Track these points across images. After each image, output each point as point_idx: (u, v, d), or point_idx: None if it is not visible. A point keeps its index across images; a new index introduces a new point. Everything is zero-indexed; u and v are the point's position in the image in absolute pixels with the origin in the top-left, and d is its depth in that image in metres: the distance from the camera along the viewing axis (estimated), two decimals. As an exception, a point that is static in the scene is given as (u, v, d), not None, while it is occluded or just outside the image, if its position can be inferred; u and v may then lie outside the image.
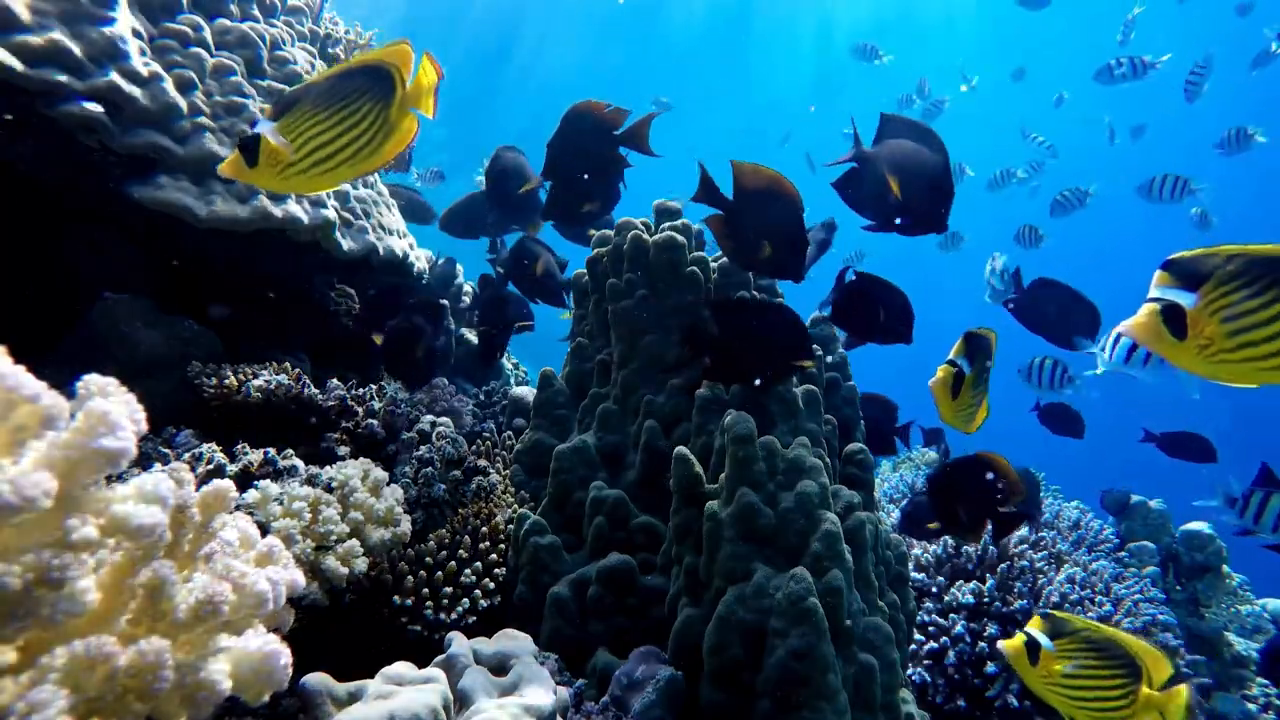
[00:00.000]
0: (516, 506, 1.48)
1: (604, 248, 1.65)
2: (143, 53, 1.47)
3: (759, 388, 1.38)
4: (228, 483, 0.68)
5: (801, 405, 1.42)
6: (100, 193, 1.44)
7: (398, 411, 1.60)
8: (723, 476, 1.20)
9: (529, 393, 2.04)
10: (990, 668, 1.86)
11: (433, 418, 1.72)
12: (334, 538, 1.09)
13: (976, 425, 1.32)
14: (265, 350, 1.70)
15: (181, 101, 1.49)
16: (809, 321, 1.71)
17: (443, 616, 1.21)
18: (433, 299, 2.13)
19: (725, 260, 1.59)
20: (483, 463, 1.53)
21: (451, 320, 2.28)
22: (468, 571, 1.28)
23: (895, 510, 2.53)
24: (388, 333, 1.90)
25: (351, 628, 1.19)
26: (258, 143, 0.92)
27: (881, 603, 1.27)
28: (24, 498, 0.48)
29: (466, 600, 1.25)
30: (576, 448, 1.48)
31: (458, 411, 1.98)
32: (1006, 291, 2.30)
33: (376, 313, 2.03)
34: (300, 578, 0.72)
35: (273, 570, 0.69)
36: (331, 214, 1.72)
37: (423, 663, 0.90)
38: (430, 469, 1.45)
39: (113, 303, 1.47)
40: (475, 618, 1.24)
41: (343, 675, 0.85)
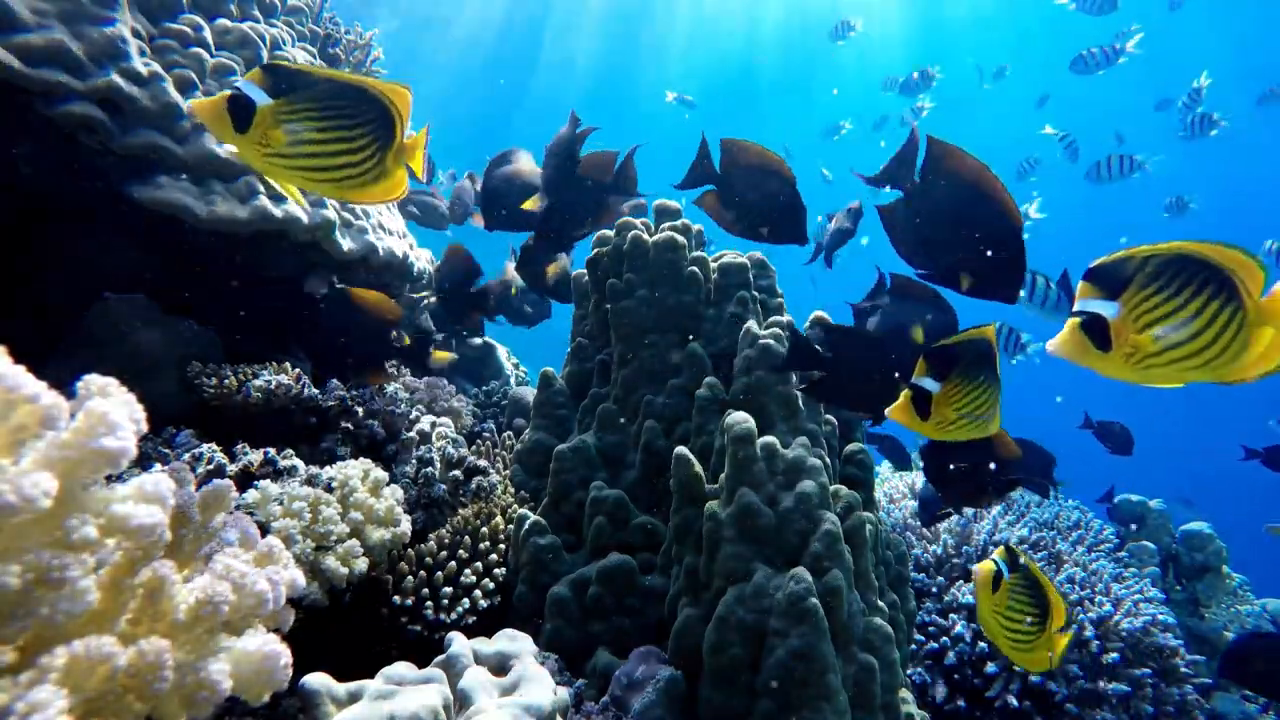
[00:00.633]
0: (516, 506, 1.48)
1: (604, 248, 1.65)
2: (143, 53, 1.47)
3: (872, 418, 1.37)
4: (228, 483, 0.68)
5: (801, 405, 1.42)
6: (100, 193, 1.44)
7: (398, 411, 1.60)
8: (723, 476, 1.20)
9: (529, 393, 2.04)
10: (990, 668, 1.86)
11: (433, 418, 1.72)
12: (334, 538, 1.09)
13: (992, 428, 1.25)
14: (265, 350, 1.70)
15: (181, 101, 1.49)
16: (808, 322, 1.71)
17: (443, 616, 1.21)
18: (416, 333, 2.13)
19: (725, 260, 1.59)
20: (483, 463, 1.53)
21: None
22: (468, 571, 1.28)
23: (895, 510, 2.53)
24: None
25: (351, 628, 1.19)
26: (253, 113, 0.88)
27: (881, 603, 1.27)
28: (24, 498, 0.48)
29: (466, 600, 1.25)
30: (576, 448, 1.48)
31: (458, 411, 1.98)
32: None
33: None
34: (300, 578, 0.72)
35: (273, 570, 0.69)
36: (331, 214, 1.72)
37: (423, 663, 0.90)
38: (430, 469, 1.45)
39: (113, 303, 1.47)
40: (475, 618, 1.24)
41: (343, 675, 0.85)
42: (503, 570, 1.34)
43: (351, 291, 1.52)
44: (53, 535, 0.52)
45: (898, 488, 2.74)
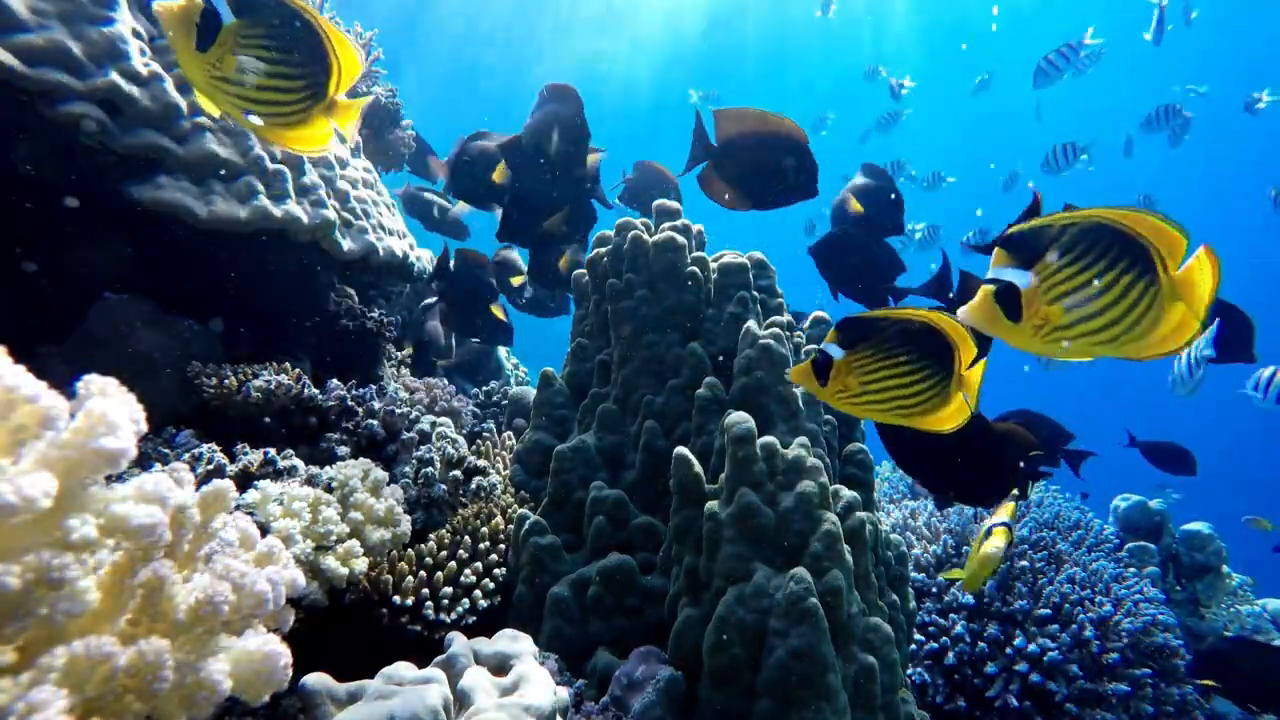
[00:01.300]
0: (516, 506, 1.48)
1: (604, 248, 1.65)
2: (143, 53, 1.47)
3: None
4: (227, 483, 0.68)
5: (801, 405, 1.42)
6: (100, 192, 1.44)
7: (398, 411, 1.60)
8: (723, 476, 1.20)
9: (529, 393, 2.04)
10: (990, 668, 1.86)
11: (433, 418, 1.72)
12: (334, 538, 1.09)
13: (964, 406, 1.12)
14: (265, 350, 1.70)
15: (182, 101, 1.49)
16: (808, 322, 1.71)
17: (443, 616, 1.21)
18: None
19: (725, 260, 1.59)
20: (483, 463, 1.52)
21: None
22: (468, 571, 1.28)
23: (895, 510, 2.53)
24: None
25: (351, 628, 1.19)
26: (218, 30, 0.89)
27: (881, 603, 1.27)
28: (24, 498, 0.48)
29: (466, 600, 1.25)
30: (576, 448, 1.48)
31: (458, 411, 1.98)
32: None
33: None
34: (300, 578, 0.72)
35: (273, 570, 0.69)
36: (331, 214, 1.72)
37: (423, 663, 0.90)
38: (430, 469, 1.45)
39: (113, 303, 1.47)
40: (475, 618, 1.24)
41: (343, 675, 0.85)
42: (503, 570, 1.34)
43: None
44: (53, 535, 0.52)
45: (898, 488, 2.74)
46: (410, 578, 1.23)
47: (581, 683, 1.16)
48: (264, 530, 1.00)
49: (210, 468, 1.20)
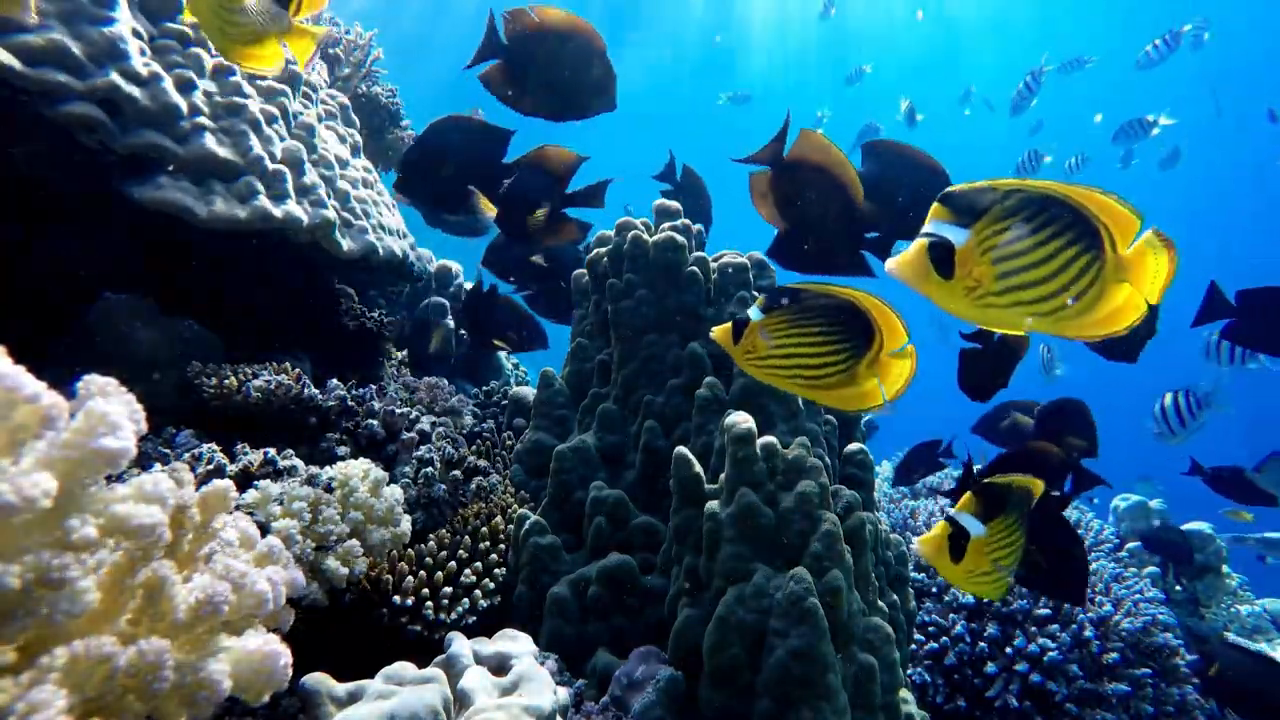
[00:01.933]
0: (516, 506, 1.48)
1: (604, 248, 1.65)
2: (143, 53, 1.47)
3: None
4: (228, 483, 0.68)
5: (801, 405, 1.42)
6: (100, 193, 1.44)
7: (398, 411, 1.60)
8: (723, 476, 1.20)
9: (529, 393, 2.04)
10: (990, 668, 1.86)
11: (433, 418, 1.72)
12: (334, 538, 1.09)
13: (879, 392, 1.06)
14: (265, 350, 1.70)
15: (182, 101, 1.49)
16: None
17: (443, 616, 1.21)
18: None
19: (725, 260, 1.59)
20: (483, 463, 1.53)
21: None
22: (468, 571, 1.28)
23: (895, 511, 2.53)
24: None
25: (351, 628, 1.19)
26: None
27: (881, 603, 1.27)
28: (24, 498, 0.48)
29: (466, 600, 1.25)
30: (576, 448, 1.48)
31: (458, 411, 1.98)
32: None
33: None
34: (300, 578, 0.72)
35: (273, 570, 0.69)
36: (331, 214, 1.72)
37: (423, 663, 0.90)
38: (430, 469, 1.45)
39: (113, 303, 1.47)
40: (475, 618, 1.24)
41: (343, 675, 0.85)
42: (503, 570, 1.34)
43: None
44: (53, 535, 0.52)
45: (898, 487, 2.74)
46: (410, 578, 1.23)
47: (581, 683, 1.16)
48: (264, 530, 1.00)
49: (210, 468, 1.20)
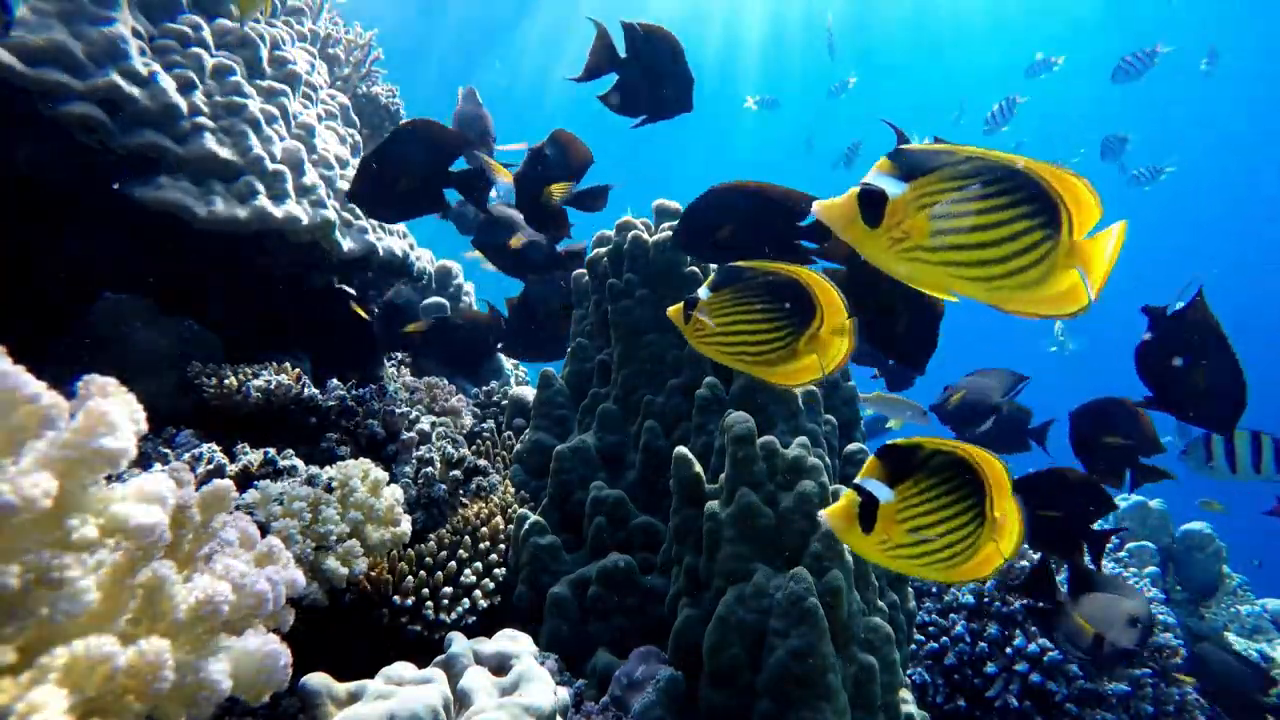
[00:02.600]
0: (516, 506, 1.48)
1: (604, 248, 1.65)
2: (143, 53, 1.47)
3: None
4: (228, 483, 0.68)
5: (801, 405, 1.42)
6: (100, 193, 1.44)
7: (398, 411, 1.60)
8: (723, 476, 1.20)
9: (529, 393, 2.04)
10: (990, 668, 1.86)
11: (433, 418, 1.72)
12: (334, 538, 1.09)
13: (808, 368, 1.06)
14: (265, 350, 1.70)
15: (181, 101, 1.49)
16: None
17: (443, 616, 1.21)
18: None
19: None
20: (483, 463, 1.52)
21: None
22: (468, 571, 1.28)
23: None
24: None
25: (351, 628, 1.19)
26: None
27: (881, 603, 1.27)
28: (24, 498, 0.48)
29: (466, 600, 1.25)
30: (576, 448, 1.48)
31: (458, 411, 1.98)
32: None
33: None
34: (300, 578, 0.72)
35: (273, 570, 0.69)
36: (331, 214, 1.72)
37: (423, 663, 0.90)
38: (430, 469, 1.45)
39: (113, 302, 1.47)
40: (475, 618, 1.24)
41: (343, 675, 0.85)
42: (503, 570, 1.34)
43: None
44: (53, 535, 0.52)
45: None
46: (410, 578, 1.23)
47: (581, 683, 1.16)
48: (264, 530, 1.00)
49: (210, 468, 1.20)
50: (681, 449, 1.25)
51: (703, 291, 0.99)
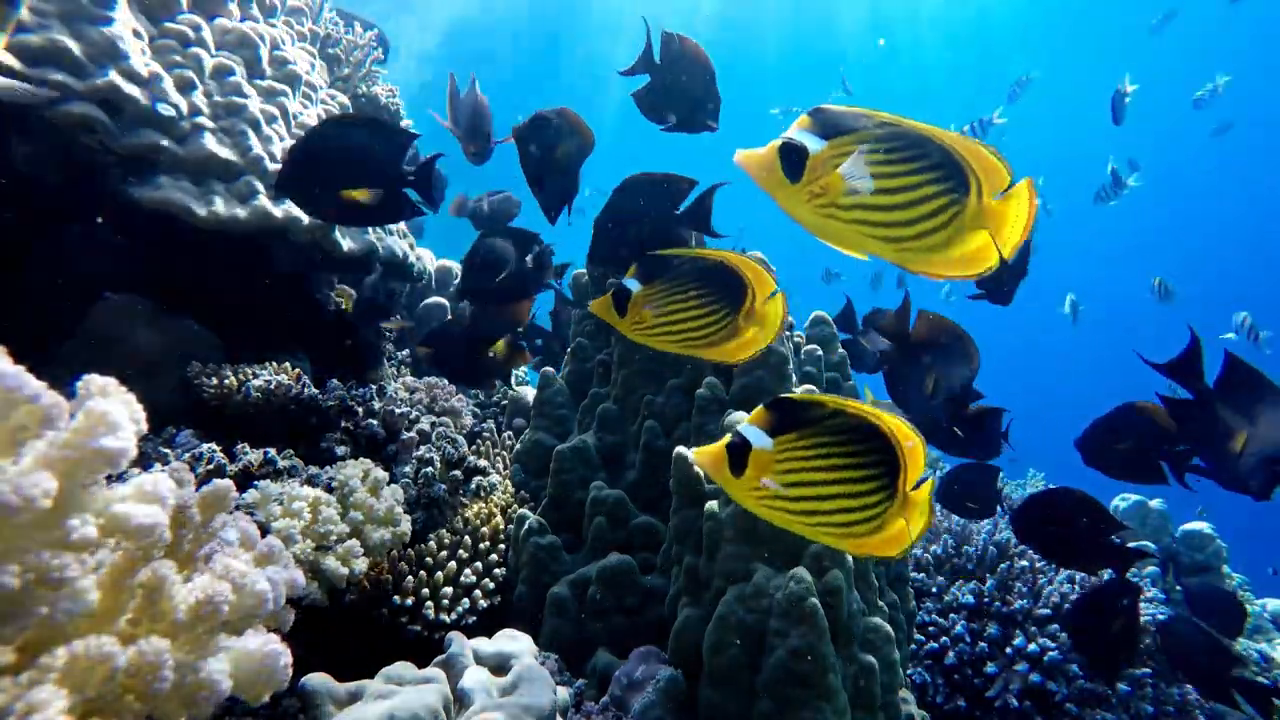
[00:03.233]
0: (516, 506, 1.48)
1: (604, 248, 1.65)
2: (143, 53, 1.47)
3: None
4: (228, 483, 0.68)
5: (801, 405, 1.42)
6: (100, 193, 1.44)
7: (398, 411, 1.60)
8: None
9: (529, 393, 2.04)
10: (990, 668, 1.86)
11: (433, 418, 1.72)
12: (334, 538, 1.09)
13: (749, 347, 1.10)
14: (265, 350, 1.70)
15: (181, 101, 1.49)
16: (809, 322, 1.71)
17: (443, 616, 1.21)
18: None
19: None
20: (483, 463, 1.52)
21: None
22: (468, 571, 1.28)
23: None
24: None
25: (351, 628, 1.19)
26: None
27: (881, 603, 1.27)
28: (24, 497, 0.48)
29: (466, 600, 1.25)
30: (576, 448, 1.48)
31: (458, 411, 1.98)
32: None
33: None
34: (300, 578, 0.72)
35: (273, 570, 0.69)
36: (331, 214, 1.72)
37: (423, 663, 0.90)
38: (430, 469, 1.45)
39: (113, 303, 1.47)
40: (475, 618, 1.24)
41: (343, 675, 0.85)
42: (503, 570, 1.34)
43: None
44: (53, 535, 0.52)
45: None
46: (410, 578, 1.23)
47: (581, 682, 1.16)
48: (264, 530, 1.00)
49: (210, 467, 1.20)
50: (681, 449, 1.25)
51: (631, 284, 1.03)
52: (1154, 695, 1.91)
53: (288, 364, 1.57)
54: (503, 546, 1.38)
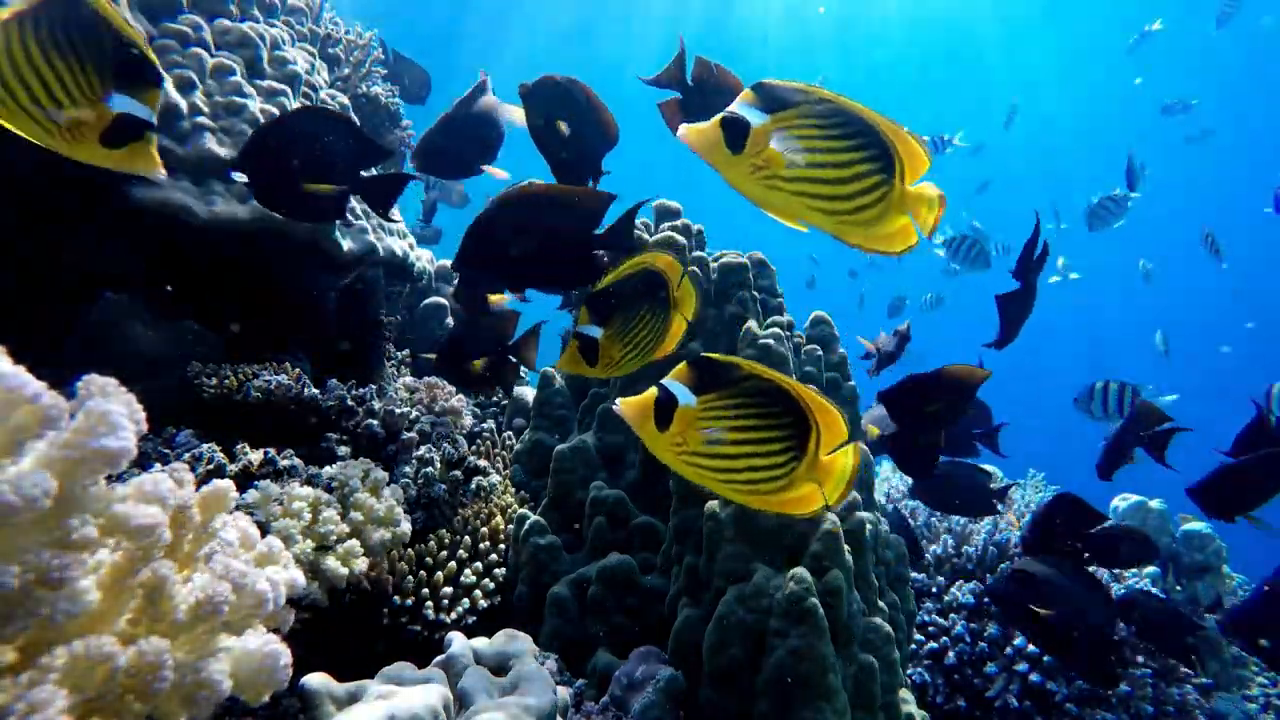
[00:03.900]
0: (516, 506, 1.48)
1: (604, 248, 1.65)
2: (143, 53, 1.47)
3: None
4: (228, 483, 0.68)
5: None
6: (100, 193, 1.44)
7: (398, 411, 1.60)
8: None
9: (529, 393, 2.04)
10: (990, 668, 1.86)
11: (433, 418, 1.72)
12: (334, 538, 1.09)
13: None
14: (265, 350, 1.70)
15: (182, 101, 1.49)
16: (809, 322, 1.71)
17: (443, 616, 1.21)
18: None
19: (725, 260, 1.59)
20: (483, 463, 1.52)
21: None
22: (468, 571, 1.28)
23: (890, 509, 2.53)
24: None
25: (351, 628, 1.19)
26: None
27: (881, 603, 1.27)
28: (24, 497, 0.48)
29: (466, 600, 1.25)
30: (576, 448, 1.48)
31: (458, 411, 1.98)
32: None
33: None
34: (300, 578, 0.72)
35: (273, 570, 0.69)
36: (331, 214, 1.72)
37: (423, 663, 0.90)
38: (430, 469, 1.45)
39: (113, 303, 1.47)
40: (475, 618, 1.24)
41: (343, 675, 0.85)
42: (503, 570, 1.34)
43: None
44: (53, 535, 0.52)
45: (897, 487, 2.74)
46: (410, 578, 1.23)
47: (581, 683, 1.16)
48: (264, 530, 1.00)
49: (210, 468, 1.20)
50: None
51: (594, 332, 1.00)
52: (1154, 695, 1.91)
53: (288, 364, 1.57)
54: (503, 546, 1.38)
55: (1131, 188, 3.90)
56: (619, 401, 0.83)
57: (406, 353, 2.30)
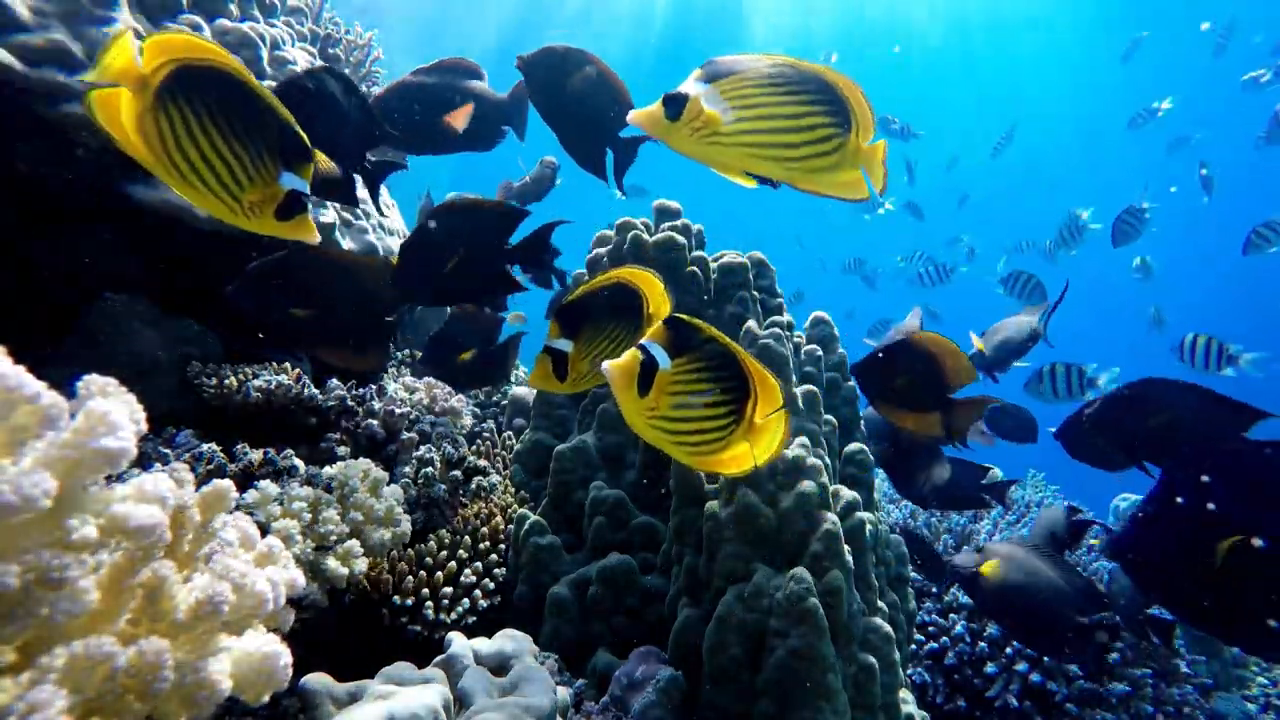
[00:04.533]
0: (516, 506, 1.48)
1: (603, 248, 1.65)
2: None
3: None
4: (228, 483, 0.68)
5: (801, 405, 1.42)
6: (100, 193, 1.44)
7: (398, 411, 1.60)
8: (723, 476, 1.20)
9: (529, 393, 2.04)
10: (990, 668, 1.86)
11: (433, 418, 1.72)
12: (334, 538, 1.09)
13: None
14: (265, 350, 1.70)
15: (181, 101, 1.49)
16: (809, 322, 1.71)
17: (443, 616, 1.21)
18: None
19: (725, 260, 1.59)
20: (483, 463, 1.52)
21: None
22: (468, 571, 1.28)
23: (895, 510, 2.53)
24: None
25: (351, 628, 1.19)
26: None
27: (881, 603, 1.27)
28: (24, 498, 0.48)
29: (466, 600, 1.25)
30: (576, 448, 1.48)
31: (458, 411, 1.98)
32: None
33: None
34: (300, 578, 0.72)
35: (273, 570, 0.69)
36: (331, 215, 1.73)
37: (423, 663, 0.90)
38: (430, 469, 1.45)
39: (113, 303, 1.47)
40: (475, 618, 1.24)
41: (343, 675, 0.85)
42: (503, 570, 1.34)
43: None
44: (53, 535, 0.52)
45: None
46: (410, 578, 1.23)
47: (581, 683, 1.16)
48: (264, 530, 1.00)
49: (210, 467, 1.20)
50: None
51: (563, 345, 1.00)
52: (1154, 695, 1.91)
53: (288, 364, 1.57)
54: (503, 546, 1.38)
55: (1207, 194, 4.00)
56: (606, 364, 0.83)
57: (406, 353, 2.30)
